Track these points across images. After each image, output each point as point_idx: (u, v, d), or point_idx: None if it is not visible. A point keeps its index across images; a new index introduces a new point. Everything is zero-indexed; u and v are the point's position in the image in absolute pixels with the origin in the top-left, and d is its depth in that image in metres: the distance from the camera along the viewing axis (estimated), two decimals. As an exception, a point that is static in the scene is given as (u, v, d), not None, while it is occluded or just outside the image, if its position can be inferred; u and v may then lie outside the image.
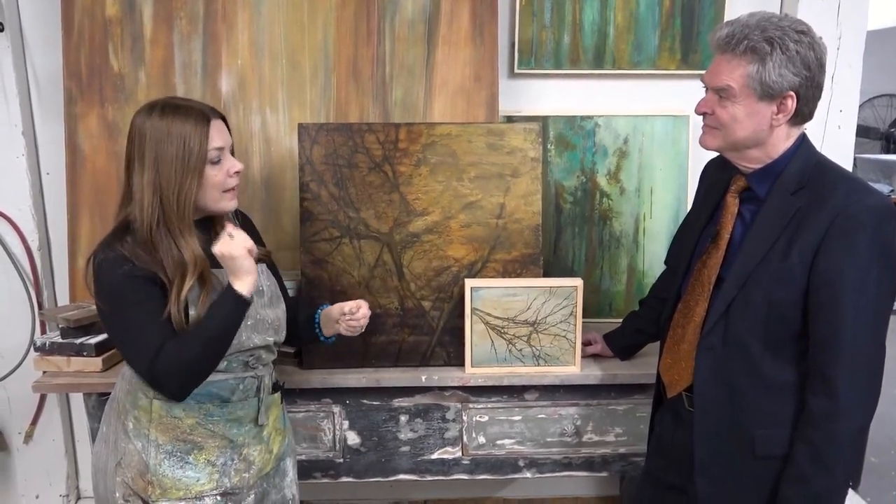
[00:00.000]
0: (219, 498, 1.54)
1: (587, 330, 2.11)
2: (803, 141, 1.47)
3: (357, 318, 1.67)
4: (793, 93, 1.38)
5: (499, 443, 2.10)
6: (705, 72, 1.48)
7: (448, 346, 2.05)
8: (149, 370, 1.41)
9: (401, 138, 2.02)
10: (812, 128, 1.92)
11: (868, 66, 2.50)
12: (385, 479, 2.10)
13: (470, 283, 1.97)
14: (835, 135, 2.43)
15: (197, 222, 1.51)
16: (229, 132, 1.54)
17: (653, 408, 1.75)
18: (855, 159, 5.94)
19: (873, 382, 1.38)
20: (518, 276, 2.04)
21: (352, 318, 1.67)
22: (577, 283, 1.99)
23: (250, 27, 2.27)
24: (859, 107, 2.51)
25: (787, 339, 1.43)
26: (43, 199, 2.46)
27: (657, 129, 2.42)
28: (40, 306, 2.43)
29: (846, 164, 2.43)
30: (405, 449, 2.08)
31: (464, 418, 2.07)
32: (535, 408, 2.08)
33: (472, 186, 2.04)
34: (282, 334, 1.65)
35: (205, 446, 1.53)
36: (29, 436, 2.53)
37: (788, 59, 1.36)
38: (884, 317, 1.38)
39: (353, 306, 1.67)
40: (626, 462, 2.13)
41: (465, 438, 2.09)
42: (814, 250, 1.37)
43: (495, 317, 1.99)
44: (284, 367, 2.01)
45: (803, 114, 1.43)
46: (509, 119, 2.37)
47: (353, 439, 2.07)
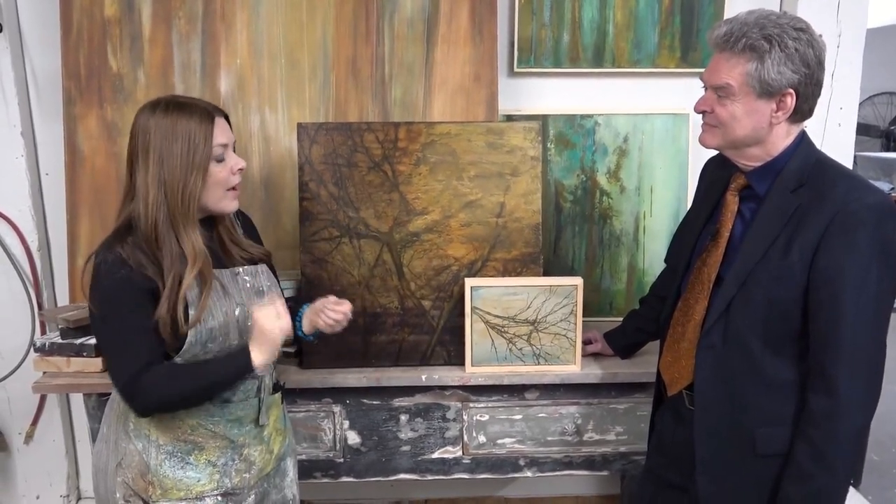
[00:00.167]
0: (219, 498, 1.54)
1: (587, 329, 2.11)
2: (803, 139, 1.47)
3: (337, 311, 1.63)
4: (792, 90, 1.38)
5: (499, 442, 2.10)
6: (704, 70, 1.47)
7: (448, 345, 2.05)
8: (125, 386, 1.41)
9: (400, 137, 2.02)
10: (812, 125, 1.92)
11: (868, 64, 2.50)
12: (385, 479, 2.11)
13: (470, 283, 1.97)
14: (835, 132, 2.42)
15: (199, 222, 1.50)
16: (231, 130, 1.54)
17: (653, 406, 1.75)
18: (855, 157, 5.94)
19: (874, 381, 1.38)
20: (518, 275, 2.04)
21: (333, 310, 1.63)
22: (578, 281, 1.99)
23: (249, 27, 2.27)
24: (859, 104, 2.50)
25: (787, 337, 1.42)
26: (42, 200, 2.45)
27: (657, 128, 2.42)
28: (40, 307, 2.43)
29: (846, 161, 2.43)
30: (406, 448, 2.08)
31: (464, 417, 2.07)
32: (535, 407, 2.08)
33: (471, 185, 2.03)
34: None
35: (205, 447, 1.53)
36: (29, 436, 2.53)
37: (787, 57, 1.36)
38: (884, 315, 1.38)
39: (339, 301, 1.65)
40: (626, 461, 2.13)
41: (465, 438, 2.09)
42: (814, 248, 1.37)
43: (495, 316, 1.99)
44: (284, 367, 2.01)
45: (803, 111, 1.42)
46: (509, 118, 2.37)
47: (354, 439, 2.07)
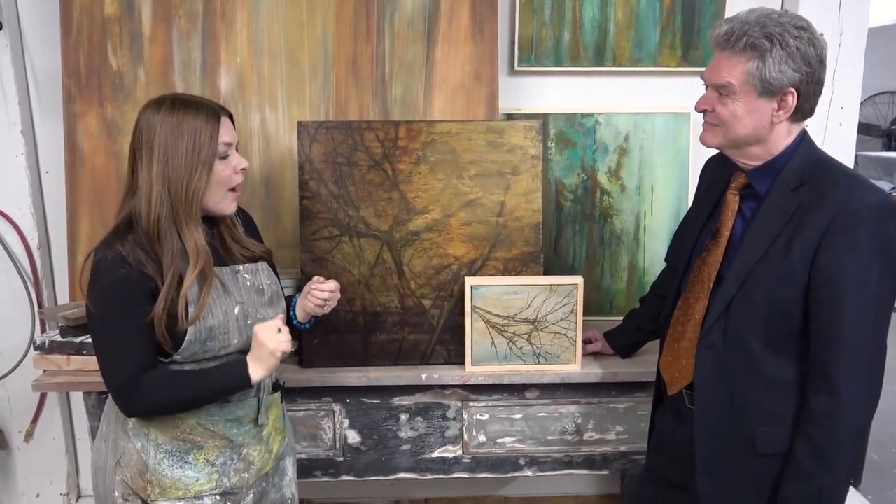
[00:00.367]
0: (218, 498, 1.54)
1: (588, 328, 2.10)
2: (804, 137, 1.47)
3: (322, 288, 1.65)
4: (793, 89, 1.38)
5: (499, 441, 2.09)
6: (705, 69, 1.47)
7: (448, 344, 2.05)
8: (122, 387, 1.41)
9: (400, 136, 2.01)
10: (813, 125, 1.91)
11: (870, 63, 2.49)
12: (385, 478, 2.10)
13: (470, 282, 1.97)
14: (836, 132, 2.42)
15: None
16: (235, 130, 1.54)
17: (653, 405, 1.75)
18: (856, 156, 5.94)
19: (874, 380, 1.38)
20: (518, 274, 2.04)
21: (318, 289, 1.64)
22: (578, 280, 1.99)
23: (249, 25, 2.27)
24: (861, 104, 2.50)
25: (787, 336, 1.42)
26: (42, 198, 2.45)
27: (658, 127, 2.42)
28: (40, 305, 2.43)
29: (847, 161, 2.43)
30: (405, 447, 2.08)
31: (464, 417, 2.07)
32: (535, 406, 2.07)
33: (472, 184, 2.03)
34: None
35: (204, 446, 1.52)
36: (29, 434, 2.54)
37: (788, 56, 1.35)
38: (885, 314, 1.37)
39: (324, 280, 1.67)
40: (626, 460, 2.13)
41: (465, 437, 2.08)
42: (814, 247, 1.36)
43: (496, 315, 1.99)
44: (284, 366, 2.01)
45: (804, 110, 1.42)
46: (509, 117, 2.37)
47: (354, 438, 2.07)
